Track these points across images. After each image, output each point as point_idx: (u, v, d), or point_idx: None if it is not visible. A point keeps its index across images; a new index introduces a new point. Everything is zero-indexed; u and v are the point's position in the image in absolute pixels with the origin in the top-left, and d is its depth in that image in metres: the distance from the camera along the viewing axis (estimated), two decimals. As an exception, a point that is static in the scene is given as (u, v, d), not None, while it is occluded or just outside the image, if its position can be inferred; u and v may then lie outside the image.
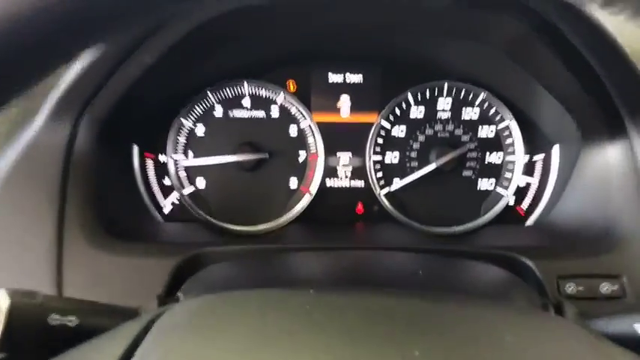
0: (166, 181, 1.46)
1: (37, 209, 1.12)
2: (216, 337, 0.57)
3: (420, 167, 1.44)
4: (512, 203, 1.48)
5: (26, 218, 1.11)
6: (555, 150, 1.42)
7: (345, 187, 1.50)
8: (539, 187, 1.46)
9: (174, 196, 1.46)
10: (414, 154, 1.46)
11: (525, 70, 1.21)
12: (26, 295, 0.68)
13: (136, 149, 1.41)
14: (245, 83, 1.42)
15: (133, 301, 0.86)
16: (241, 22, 1.19)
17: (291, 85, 1.45)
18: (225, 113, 1.44)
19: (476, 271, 1.09)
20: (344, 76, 1.45)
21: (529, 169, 1.45)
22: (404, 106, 1.44)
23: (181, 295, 0.93)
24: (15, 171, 1.13)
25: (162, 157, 1.45)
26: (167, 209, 1.46)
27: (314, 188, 1.47)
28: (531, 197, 1.47)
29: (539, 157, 1.45)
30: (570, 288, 1.10)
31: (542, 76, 1.21)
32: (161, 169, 1.45)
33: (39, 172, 1.15)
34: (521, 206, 1.48)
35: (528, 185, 1.46)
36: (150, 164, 1.44)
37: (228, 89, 1.43)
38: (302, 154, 1.46)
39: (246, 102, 1.44)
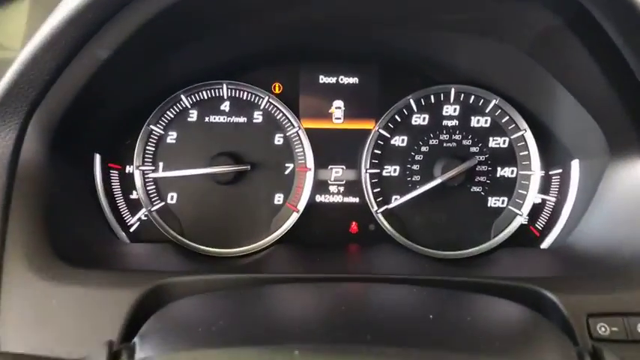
0: (134, 195, 1.28)
1: None
2: None
3: (422, 182, 1.29)
4: (525, 222, 1.31)
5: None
6: (575, 164, 1.27)
7: (338, 204, 1.34)
8: (555, 205, 1.31)
9: (142, 213, 1.28)
10: (416, 167, 1.30)
11: (549, 72, 1.06)
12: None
13: (98, 159, 1.24)
14: (224, 85, 1.26)
15: (83, 344, 0.80)
16: (218, 10, 1.02)
17: (277, 88, 1.29)
18: (201, 118, 1.28)
19: (493, 309, 0.92)
20: (337, 78, 1.30)
21: (545, 185, 1.30)
22: (405, 112, 1.30)
23: (137, 342, 0.77)
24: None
25: (128, 168, 1.27)
26: (134, 227, 1.28)
27: (302, 205, 1.30)
28: (547, 216, 1.32)
29: (556, 172, 1.29)
30: (603, 329, 0.94)
31: (569, 79, 1.06)
32: (128, 182, 1.27)
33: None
34: (536, 225, 1.31)
35: (544, 202, 1.31)
36: (115, 176, 1.27)
37: (204, 92, 1.26)
38: (288, 166, 1.30)
39: (226, 106, 1.28)
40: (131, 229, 1.29)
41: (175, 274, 1.00)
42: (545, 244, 1.31)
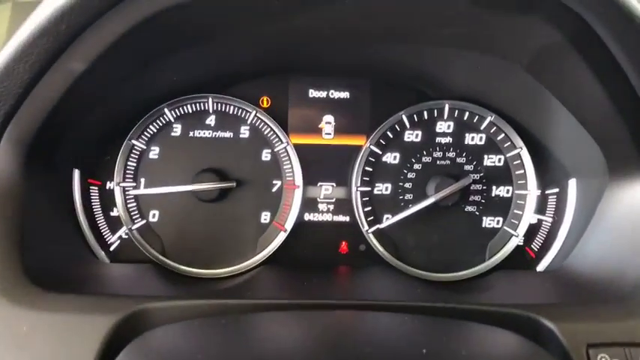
0: (114, 213, 1.23)
1: None
2: None
3: (415, 201, 1.24)
4: (521, 243, 1.27)
5: None
6: (572, 184, 1.23)
7: (327, 223, 1.29)
8: (552, 225, 1.27)
9: (122, 231, 1.23)
10: (408, 186, 1.26)
11: (547, 89, 1.02)
12: None
13: (77, 174, 1.19)
14: (210, 99, 1.21)
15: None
16: (201, 22, 0.97)
17: (265, 102, 1.24)
18: (185, 133, 1.23)
19: (489, 340, 0.87)
20: (327, 92, 1.26)
21: (541, 205, 1.26)
22: (397, 128, 1.25)
23: None
24: None
25: (109, 184, 1.22)
26: (114, 246, 1.23)
27: (289, 224, 1.25)
28: (544, 237, 1.28)
29: (552, 192, 1.25)
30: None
31: (568, 96, 1.03)
32: (109, 199, 1.22)
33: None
34: (532, 247, 1.27)
35: (540, 223, 1.27)
36: (94, 192, 1.21)
37: (189, 105, 1.21)
38: (276, 183, 1.25)
39: (211, 120, 1.23)
40: (111, 248, 1.23)
41: (155, 299, 0.94)
42: (541, 267, 1.26)
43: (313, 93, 1.25)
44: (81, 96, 1.00)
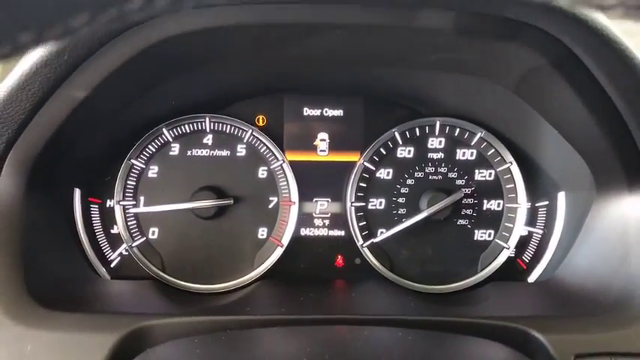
0: (114, 230, 1.25)
1: None
2: None
3: (408, 215, 1.27)
4: (512, 255, 1.29)
5: None
6: (561, 197, 1.26)
7: (323, 238, 1.31)
8: (542, 237, 1.30)
9: (122, 248, 1.25)
10: (401, 200, 1.28)
11: (534, 108, 1.04)
12: None
13: (78, 193, 1.21)
14: (207, 118, 1.24)
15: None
16: (203, 50, 1.00)
17: (261, 120, 1.27)
18: (183, 152, 1.25)
19: (480, 353, 0.90)
20: (322, 110, 1.28)
21: (531, 218, 1.29)
22: (390, 145, 1.28)
23: None
24: None
25: (109, 203, 1.24)
26: (115, 263, 1.25)
27: (286, 239, 1.28)
28: (534, 249, 1.30)
29: (542, 205, 1.28)
30: (590, 369, 0.92)
31: (554, 115, 1.06)
32: (109, 217, 1.25)
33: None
34: (523, 258, 1.30)
35: (530, 235, 1.30)
36: (95, 211, 1.24)
37: (187, 125, 1.24)
38: (272, 200, 1.28)
39: (208, 139, 1.25)
40: (112, 265, 1.26)
41: (156, 316, 0.97)
42: (532, 278, 1.29)
43: (308, 111, 1.28)
44: (81, 120, 1.02)
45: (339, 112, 1.28)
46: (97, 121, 1.10)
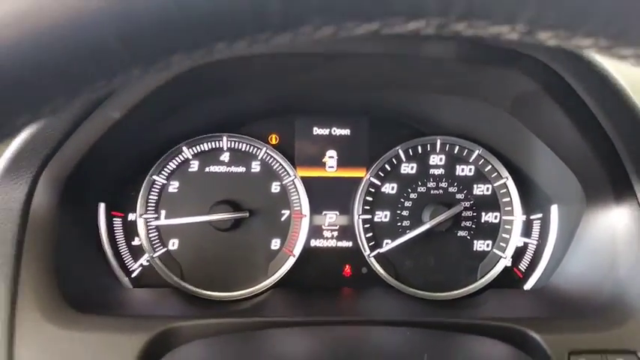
0: (136, 242, 1.33)
1: None
2: None
3: (412, 227, 1.35)
4: (509, 264, 1.38)
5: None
6: (554, 210, 1.34)
7: (332, 248, 1.39)
8: (537, 247, 1.38)
9: (144, 259, 1.33)
10: (405, 213, 1.36)
11: (527, 128, 1.14)
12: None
13: (102, 208, 1.29)
14: (224, 137, 1.33)
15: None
16: (219, 75, 1.10)
17: (274, 139, 1.36)
18: (202, 169, 1.34)
19: (481, 348, 0.98)
20: (330, 129, 1.37)
21: (526, 229, 1.37)
22: (394, 161, 1.36)
23: None
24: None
25: (131, 216, 1.32)
26: (136, 273, 1.33)
27: (297, 249, 1.35)
28: (530, 258, 1.38)
29: (536, 217, 1.37)
30: (583, 365, 1.00)
31: (546, 134, 1.15)
32: (130, 229, 1.33)
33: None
34: (519, 267, 1.38)
35: (526, 245, 1.38)
36: (118, 224, 1.32)
37: (205, 144, 1.33)
38: (285, 213, 1.36)
39: (225, 157, 1.34)
40: (133, 275, 1.33)
41: (181, 319, 1.04)
42: (528, 285, 1.37)
43: (317, 130, 1.36)
44: (113, 139, 1.11)
45: (346, 132, 1.37)
46: (125, 140, 1.18)
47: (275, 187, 1.36)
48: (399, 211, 1.37)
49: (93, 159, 1.12)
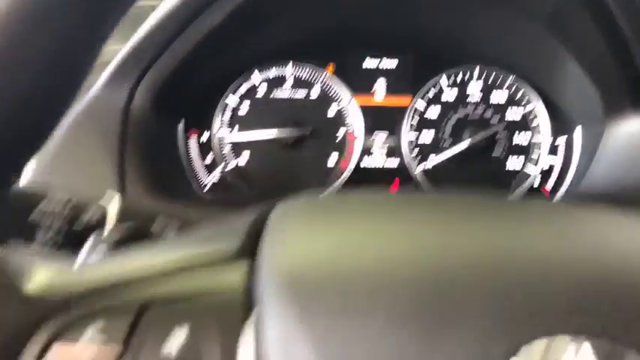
0: (207, 160, 1.50)
1: (99, 160, 1.15)
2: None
3: (453, 146, 1.51)
4: (537, 184, 1.54)
5: (89, 166, 1.14)
6: (578, 131, 1.50)
7: (381, 168, 1.55)
8: (562, 167, 1.52)
9: (214, 175, 1.49)
10: (446, 135, 1.53)
11: (560, 42, 1.30)
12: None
13: (181, 124, 1.45)
14: (290, 64, 1.50)
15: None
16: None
17: (332, 68, 1.52)
18: (268, 93, 1.50)
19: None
20: (380, 59, 1.54)
21: (553, 150, 1.52)
22: (437, 88, 1.53)
23: None
24: (78, 124, 1.17)
25: (206, 134, 1.49)
26: (207, 187, 1.49)
27: (352, 165, 1.52)
28: (555, 178, 1.53)
29: (562, 139, 1.53)
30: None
31: (574, 45, 1.29)
32: (205, 146, 1.49)
33: (100, 128, 1.19)
34: (546, 187, 1.54)
35: (552, 165, 1.53)
36: (193, 140, 1.48)
37: (272, 70, 1.50)
38: (341, 132, 1.52)
39: (289, 82, 1.51)
40: (205, 189, 1.50)
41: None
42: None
43: (368, 61, 1.53)
44: (199, 55, 1.27)
45: (394, 62, 1.54)
46: (205, 59, 1.34)
47: (332, 111, 1.52)
48: (441, 133, 1.53)
49: (180, 73, 1.27)
